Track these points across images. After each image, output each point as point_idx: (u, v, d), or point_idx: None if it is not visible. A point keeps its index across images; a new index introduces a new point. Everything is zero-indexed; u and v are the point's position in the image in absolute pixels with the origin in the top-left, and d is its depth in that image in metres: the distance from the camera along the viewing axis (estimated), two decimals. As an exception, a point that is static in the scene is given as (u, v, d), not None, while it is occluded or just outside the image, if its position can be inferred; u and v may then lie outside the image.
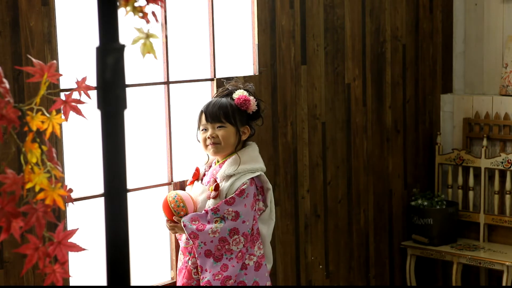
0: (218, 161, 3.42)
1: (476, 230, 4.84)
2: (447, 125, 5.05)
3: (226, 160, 3.37)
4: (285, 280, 4.22)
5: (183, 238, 3.38)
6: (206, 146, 3.37)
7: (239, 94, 3.36)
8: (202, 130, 3.39)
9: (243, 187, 3.25)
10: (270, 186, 3.37)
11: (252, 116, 3.40)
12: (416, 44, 4.88)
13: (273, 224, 3.41)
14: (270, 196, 3.37)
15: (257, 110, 3.41)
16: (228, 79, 3.67)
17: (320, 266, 4.41)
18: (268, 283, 3.36)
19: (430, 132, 5.03)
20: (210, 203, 3.30)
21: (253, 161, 3.34)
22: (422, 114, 4.97)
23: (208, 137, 3.34)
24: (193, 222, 3.24)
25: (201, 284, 3.22)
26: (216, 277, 3.19)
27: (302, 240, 4.29)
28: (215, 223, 3.22)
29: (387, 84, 4.72)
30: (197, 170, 3.48)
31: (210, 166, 3.46)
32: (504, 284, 4.41)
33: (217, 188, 3.29)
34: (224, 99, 3.37)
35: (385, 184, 4.77)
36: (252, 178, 3.29)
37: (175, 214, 3.30)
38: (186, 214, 3.29)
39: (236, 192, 3.24)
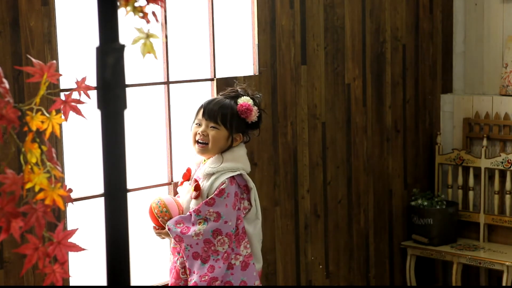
0: (204, 161, 3.37)
1: (476, 230, 4.84)
2: (447, 125, 5.05)
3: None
4: (285, 280, 4.22)
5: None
6: (195, 141, 3.32)
7: (244, 101, 3.26)
8: (196, 124, 3.32)
9: (222, 186, 3.17)
10: (252, 185, 3.28)
11: (250, 125, 3.33)
12: (416, 44, 4.88)
13: (259, 223, 3.32)
14: (254, 194, 3.29)
15: (257, 121, 3.33)
16: (236, 79, 3.62)
17: (320, 266, 4.41)
18: (257, 283, 3.28)
19: (430, 132, 5.03)
20: (192, 204, 3.24)
21: (235, 160, 3.25)
22: (422, 114, 4.97)
23: (199, 133, 3.27)
24: (178, 225, 3.18)
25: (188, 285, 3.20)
26: (203, 279, 3.15)
27: (302, 240, 4.29)
28: (198, 224, 3.17)
29: (387, 84, 4.72)
30: (188, 170, 3.40)
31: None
32: (504, 284, 4.41)
33: (197, 188, 3.23)
34: (227, 101, 3.28)
35: (385, 184, 4.77)
36: (233, 177, 3.21)
37: (159, 219, 3.26)
38: (170, 218, 3.22)
39: (216, 193, 3.16)
